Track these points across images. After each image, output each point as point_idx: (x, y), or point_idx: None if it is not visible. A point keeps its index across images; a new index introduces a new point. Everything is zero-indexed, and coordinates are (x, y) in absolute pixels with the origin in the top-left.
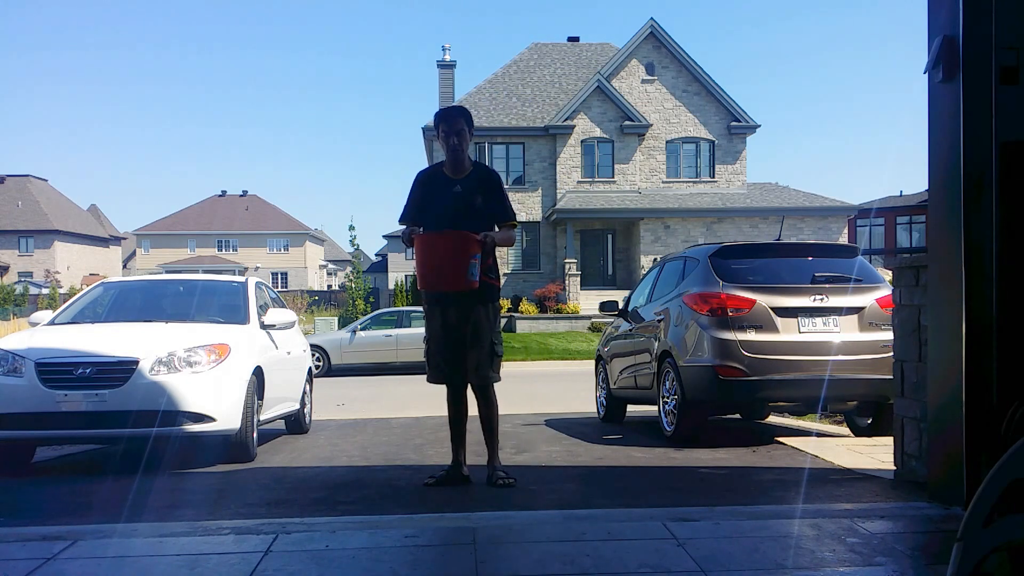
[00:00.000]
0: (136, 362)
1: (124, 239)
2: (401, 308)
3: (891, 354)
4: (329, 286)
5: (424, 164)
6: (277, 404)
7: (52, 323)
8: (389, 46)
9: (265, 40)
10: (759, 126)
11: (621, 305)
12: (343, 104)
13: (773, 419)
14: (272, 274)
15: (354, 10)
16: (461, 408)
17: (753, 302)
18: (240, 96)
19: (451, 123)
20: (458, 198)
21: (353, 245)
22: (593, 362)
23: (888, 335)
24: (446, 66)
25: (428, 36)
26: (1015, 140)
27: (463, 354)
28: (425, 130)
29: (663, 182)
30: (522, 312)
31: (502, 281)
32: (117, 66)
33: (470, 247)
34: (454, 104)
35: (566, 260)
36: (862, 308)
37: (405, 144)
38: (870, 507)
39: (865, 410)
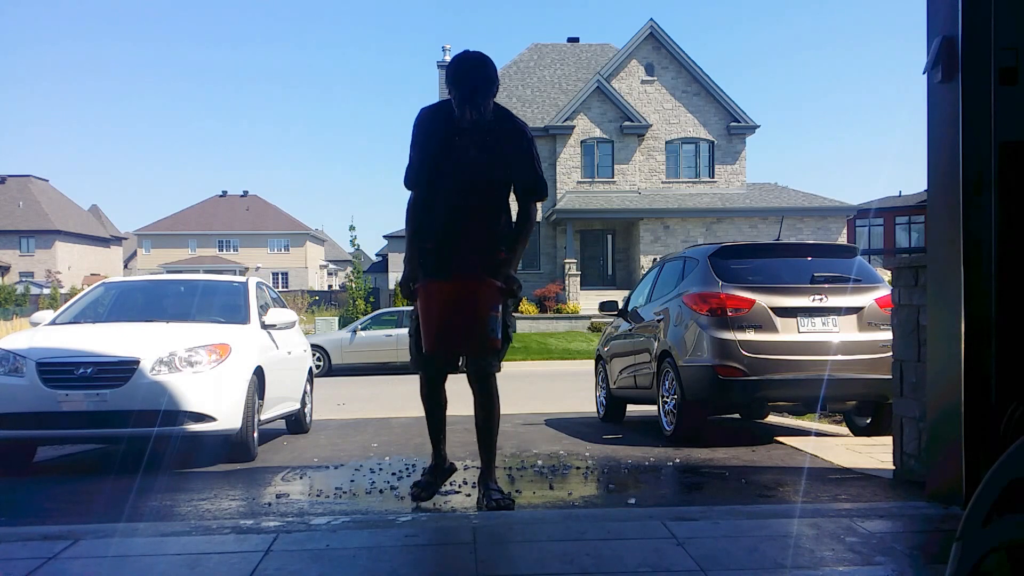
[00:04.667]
0: (137, 362)
1: (125, 239)
2: (401, 308)
3: (890, 354)
4: (329, 286)
5: None
6: (278, 404)
7: (53, 323)
8: (389, 46)
9: (265, 40)
10: (758, 126)
11: (621, 305)
12: (344, 104)
13: (772, 419)
14: (273, 274)
15: (354, 10)
16: (438, 399)
17: (752, 302)
18: (241, 96)
19: (470, 91)
20: (475, 168)
21: (353, 245)
22: (593, 362)
23: (887, 335)
24: (446, 66)
25: (428, 36)
26: (1014, 140)
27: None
28: None
29: (663, 182)
30: (522, 312)
31: None
32: (118, 66)
33: (490, 299)
34: (473, 54)
35: (566, 260)
36: (861, 308)
37: (405, 144)
38: (869, 507)
39: (864, 410)
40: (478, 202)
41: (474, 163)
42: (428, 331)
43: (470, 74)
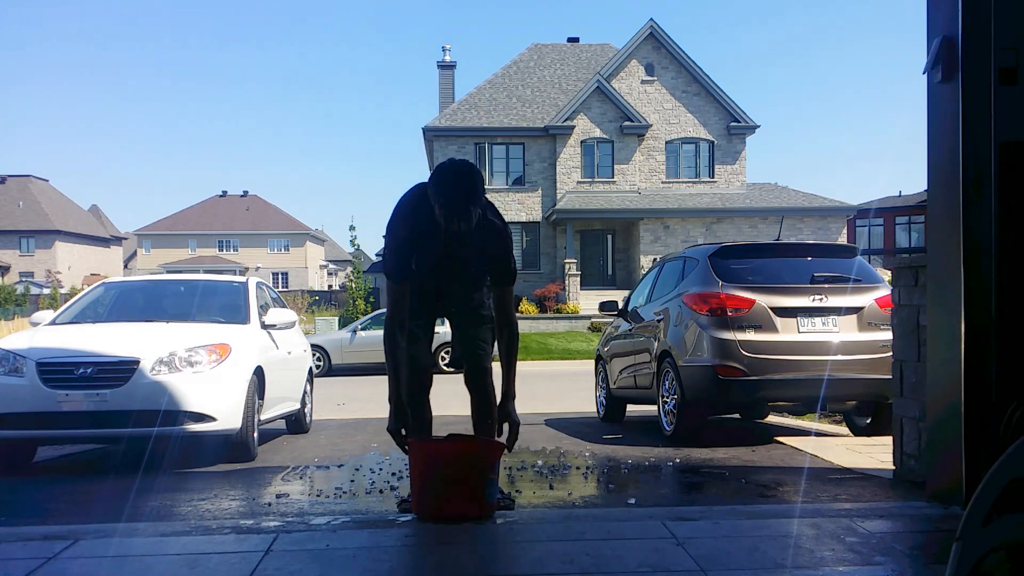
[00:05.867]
0: (137, 362)
1: (125, 239)
2: None
3: (890, 354)
4: (329, 286)
5: (424, 164)
6: (278, 404)
7: (53, 323)
8: (390, 46)
9: (266, 40)
10: (758, 126)
11: (621, 305)
12: (344, 104)
13: (772, 419)
14: (273, 274)
15: (354, 10)
16: (425, 414)
17: (752, 302)
18: (241, 96)
19: (458, 210)
20: (456, 263)
21: (353, 245)
22: (593, 362)
23: (887, 335)
24: (446, 66)
25: (428, 36)
26: (1014, 140)
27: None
28: (425, 130)
29: (663, 182)
30: (522, 312)
31: None
32: (118, 66)
33: (490, 460)
34: (459, 170)
35: (566, 260)
36: (861, 308)
37: (405, 144)
38: (869, 507)
39: (864, 410)
40: (460, 288)
41: (455, 259)
42: (417, 490)
43: (457, 194)
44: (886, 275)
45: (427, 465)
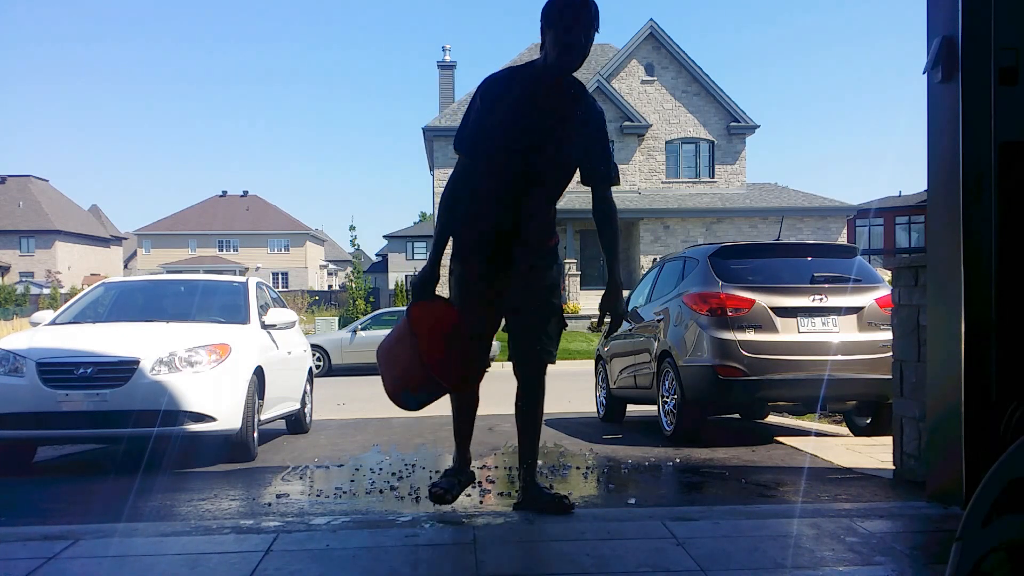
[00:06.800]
0: (137, 362)
1: (125, 239)
2: (402, 308)
3: (890, 354)
4: (329, 286)
5: (424, 164)
6: (278, 404)
7: (53, 323)
8: (389, 46)
9: (265, 40)
10: (758, 126)
11: None
12: (344, 104)
13: (772, 419)
14: (273, 274)
15: (354, 10)
16: (474, 399)
17: (752, 302)
18: (241, 96)
19: (578, 17)
20: (550, 144)
21: (353, 245)
22: (593, 362)
23: (887, 335)
24: (446, 66)
25: (428, 36)
26: (1014, 140)
27: (514, 325)
28: (425, 130)
29: (663, 182)
30: None
31: None
32: (118, 66)
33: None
34: None
35: (566, 260)
36: (861, 308)
37: (405, 144)
38: (869, 507)
39: (864, 410)
40: (543, 183)
41: (549, 138)
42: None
43: (580, 14)
44: (886, 275)
45: (433, 323)
